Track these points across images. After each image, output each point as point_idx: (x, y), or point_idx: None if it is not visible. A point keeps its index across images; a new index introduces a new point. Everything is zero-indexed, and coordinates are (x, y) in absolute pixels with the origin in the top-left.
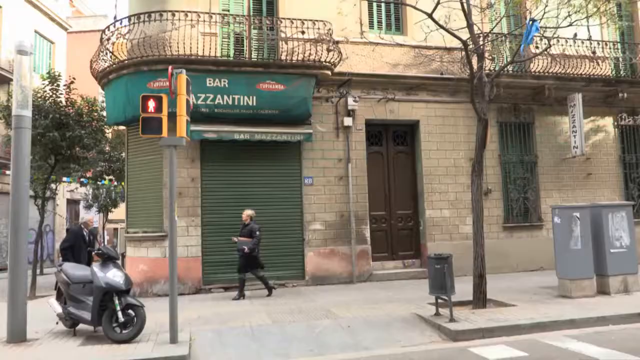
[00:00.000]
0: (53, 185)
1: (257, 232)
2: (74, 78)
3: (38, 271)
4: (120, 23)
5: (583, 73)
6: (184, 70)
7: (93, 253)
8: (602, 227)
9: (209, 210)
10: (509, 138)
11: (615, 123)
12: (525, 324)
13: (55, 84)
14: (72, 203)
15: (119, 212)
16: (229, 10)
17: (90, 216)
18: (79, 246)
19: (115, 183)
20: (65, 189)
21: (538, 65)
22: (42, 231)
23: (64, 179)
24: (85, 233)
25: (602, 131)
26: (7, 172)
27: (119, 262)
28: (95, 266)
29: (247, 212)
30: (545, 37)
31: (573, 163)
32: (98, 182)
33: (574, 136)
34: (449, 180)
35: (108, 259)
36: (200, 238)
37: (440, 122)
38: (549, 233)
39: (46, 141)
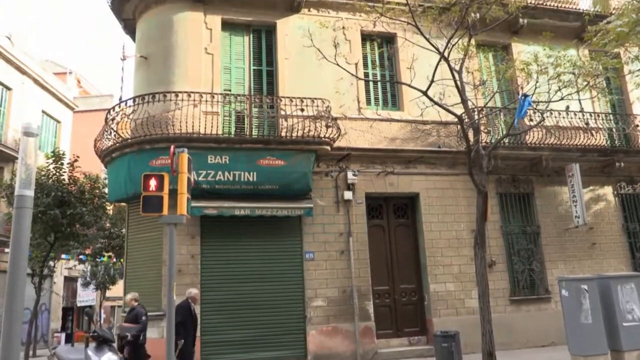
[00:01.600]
0: (51, 263)
1: (144, 317)
2: (77, 156)
3: (31, 353)
4: (126, 104)
5: (578, 144)
6: (185, 149)
7: (87, 335)
8: (612, 300)
9: (209, 287)
10: (509, 209)
11: (615, 192)
12: None
13: (59, 162)
14: (70, 280)
15: (117, 290)
16: (230, 90)
17: (197, 290)
18: (189, 322)
19: (115, 260)
20: (63, 266)
21: (533, 137)
22: (37, 311)
23: (63, 256)
24: (192, 308)
25: (603, 200)
26: (6, 250)
27: (115, 344)
28: (90, 349)
29: (130, 296)
30: (538, 110)
31: (576, 233)
32: (97, 259)
33: (575, 206)
34: (452, 252)
35: (103, 342)
36: (199, 317)
37: (440, 194)
38: (558, 305)
39: (47, 219)
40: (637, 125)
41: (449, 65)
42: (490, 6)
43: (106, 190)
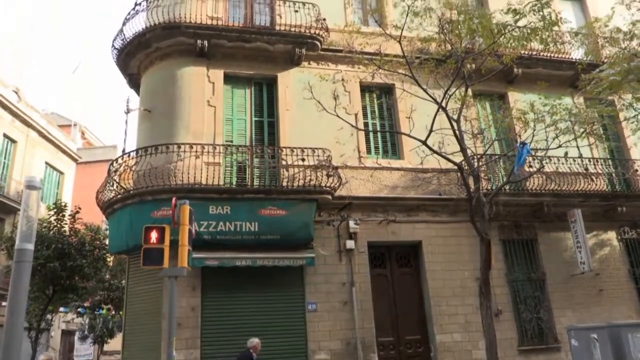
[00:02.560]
0: (49, 316)
1: None
2: (79, 208)
3: None
4: (129, 156)
5: (579, 189)
6: (187, 201)
7: None
8: (624, 349)
9: (209, 341)
10: (513, 256)
11: (619, 237)
12: None
13: (60, 214)
14: (67, 334)
15: (115, 343)
16: (232, 141)
17: (257, 340)
18: None
19: (114, 312)
20: (61, 320)
21: (534, 183)
22: None
23: (61, 309)
24: (254, 358)
25: (607, 245)
26: (4, 303)
27: None
28: None
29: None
30: (537, 157)
31: (583, 279)
32: (96, 312)
33: (579, 252)
34: (457, 301)
35: None
36: None
37: (442, 242)
38: (568, 355)
39: (46, 271)
40: (637, 170)
41: (447, 115)
42: (485, 58)
43: (107, 241)
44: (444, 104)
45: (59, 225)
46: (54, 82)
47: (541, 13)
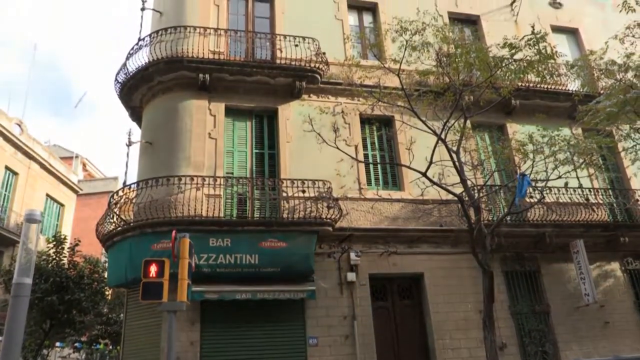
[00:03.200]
0: (45, 351)
1: None
2: (78, 240)
3: None
4: (129, 188)
5: (580, 219)
6: (187, 234)
7: None
8: None
9: None
10: (516, 288)
11: (623, 268)
12: None
13: (59, 247)
14: None
15: None
16: (233, 173)
17: None
18: None
19: (111, 347)
20: (57, 355)
21: (535, 214)
22: None
23: (58, 344)
24: None
25: (611, 277)
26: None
27: None
28: None
29: None
30: (537, 187)
31: (588, 311)
32: (93, 347)
33: (583, 283)
34: (461, 335)
35: None
36: None
37: (444, 273)
38: None
39: (43, 305)
40: (638, 200)
41: (447, 147)
42: (482, 90)
43: (106, 274)
44: (443, 136)
45: (57, 258)
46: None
47: (537, 47)
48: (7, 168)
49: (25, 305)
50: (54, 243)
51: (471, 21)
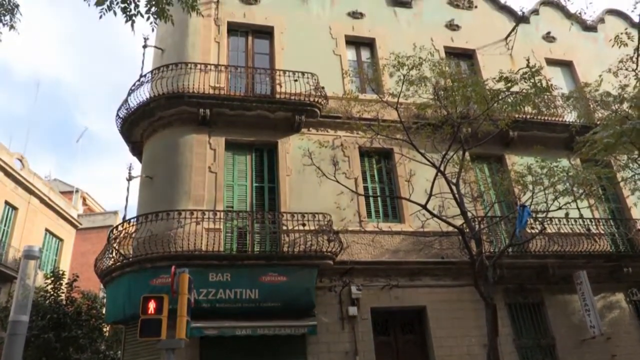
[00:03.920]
0: None
1: None
2: (77, 276)
3: None
4: (129, 223)
5: (583, 250)
6: (186, 270)
7: None
8: None
9: None
10: (520, 320)
11: (628, 299)
12: None
13: (57, 283)
14: None
15: None
16: (233, 207)
17: None
18: None
19: None
20: None
21: (537, 245)
22: None
23: None
24: None
25: (616, 308)
26: None
27: None
28: None
29: None
30: (538, 219)
31: (594, 344)
32: None
33: (588, 315)
34: None
35: None
36: None
37: (447, 306)
38: None
39: (39, 343)
40: (639, 230)
41: (446, 179)
42: (480, 123)
43: (104, 310)
44: (442, 168)
45: (55, 294)
46: (58, 149)
47: (532, 80)
48: (7, 203)
49: (22, 344)
50: (52, 279)
51: (467, 55)
